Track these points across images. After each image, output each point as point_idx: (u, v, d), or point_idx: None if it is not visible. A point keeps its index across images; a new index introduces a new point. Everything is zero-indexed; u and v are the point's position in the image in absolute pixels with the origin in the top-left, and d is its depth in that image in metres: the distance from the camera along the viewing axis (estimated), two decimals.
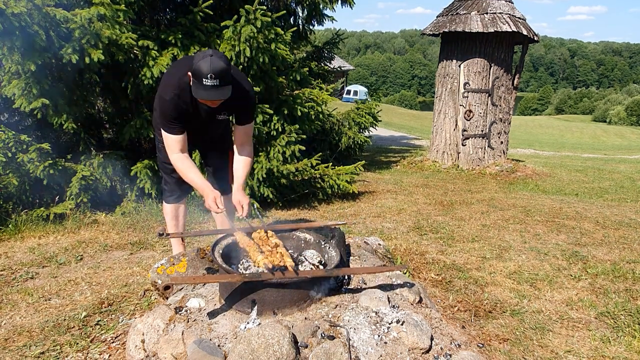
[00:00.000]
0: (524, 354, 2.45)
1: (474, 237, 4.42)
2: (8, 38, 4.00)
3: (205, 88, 2.30)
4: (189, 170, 2.60)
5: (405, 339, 2.00)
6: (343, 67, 21.16)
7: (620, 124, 49.47)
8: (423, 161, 9.30)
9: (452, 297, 3.09)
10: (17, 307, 2.86)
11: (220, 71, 2.27)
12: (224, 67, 2.28)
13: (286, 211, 5.33)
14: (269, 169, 5.07)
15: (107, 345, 2.40)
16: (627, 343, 2.56)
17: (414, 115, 36.85)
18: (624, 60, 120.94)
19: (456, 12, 8.52)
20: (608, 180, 8.47)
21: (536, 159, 11.98)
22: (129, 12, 4.53)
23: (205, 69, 2.25)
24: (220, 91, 2.32)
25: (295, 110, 5.44)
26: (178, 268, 2.67)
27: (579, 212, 5.40)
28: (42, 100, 4.36)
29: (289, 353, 1.83)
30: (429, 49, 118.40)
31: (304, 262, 2.47)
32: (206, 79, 2.26)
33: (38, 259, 3.70)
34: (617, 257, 3.90)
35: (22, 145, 4.49)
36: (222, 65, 2.27)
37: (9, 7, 3.83)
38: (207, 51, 2.33)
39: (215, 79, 2.27)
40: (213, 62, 2.26)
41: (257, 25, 4.69)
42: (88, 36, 4.19)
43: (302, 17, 7.17)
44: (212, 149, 3.06)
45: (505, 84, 8.69)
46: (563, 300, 3.11)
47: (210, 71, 2.25)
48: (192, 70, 2.32)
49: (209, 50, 2.33)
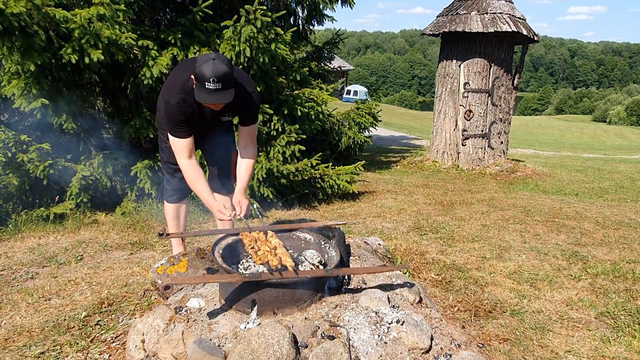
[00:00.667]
0: (524, 354, 2.45)
1: (474, 237, 4.42)
2: (8, 38, 4.00)
3: (207, 92, 2.31)
4: (197, 181, 2.65)
5: (405, 339, 2.00)
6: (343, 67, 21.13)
7: (620, 124, 49.47)
8: (423, 161, 9.30)
9: (452, 297, 3.09)
10: (17, 307, 2.86)
11: (223, 75, 2.28)
12: (226, 71, 2.29)
13: (286, 211, 5.33)
14: (269, 169, 5.07)
15: (107, 345, 2.40)
16: (627, 343, 2.56)
17: (414, 115, 36.86)
18: (624, 60, 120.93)
19: (456, 12, 8.52)
20: (608, 180, 8.47)
21: (536, 159, 11.98)
22: (128, 12, 4.53)
23: (207, 73, 2.25)
24: (222, 95, 2.33)
25: (295, 110, 5.44)
26: (178, 268, 2.67)
27: (579, 212, 5.40)
28: (42, 100, 4.35)
29: (289, 353, 1.82)
30: (429, 49, 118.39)
31: (304, 262, 2.47)
32: (208, 83, 2.27)
33: (38, 259, 3.70)
34: (617, 257, 3.90)
35: (22, 145, 4.49)
36: (224, 69, 2.28)
37: (8, 7, 3.83)
38: (209, 54, 2.33)
39: (218, 83, 2.28)
40: (215, 65, 2.26)
41: (257, 25, 4.68)
42: (88, 36, 4.19)
43: (302, 17, 7.17)
44: (216, 150, 3.07)
45: (505, 84, 8.69)
46: (563, 300, 3.11)
47: (212, 75, 2.25)
48: (195, 74, 2.32)
49: (211, 54, 2.34)
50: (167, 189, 3.13)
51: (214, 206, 2.62)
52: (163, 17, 5.94)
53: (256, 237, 2.38)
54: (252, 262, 2.38)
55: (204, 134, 2.84)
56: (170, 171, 3.02)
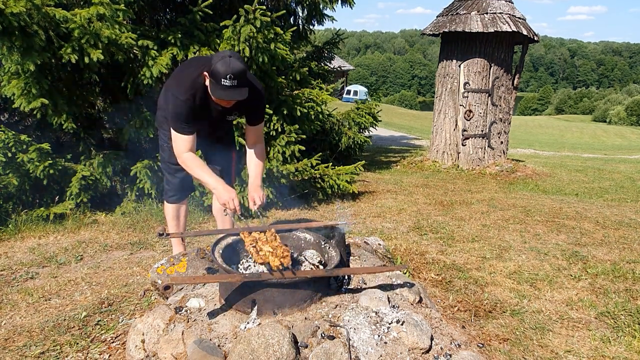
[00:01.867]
0: (524, 354, 2.45)
1: (474, 237, 4.42)
2: (7, 38, 4.00)
3: (223, 88, 2.36)
4: (201, 168, 2.59)
5: (405, 339, 2.00)
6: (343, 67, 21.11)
7: (620, 124, 49.47)
8: (423, 161, 9.29)
9: (452, 297, 3.09)
10: (17, 307, 2.85)
11: (239, 72, 2.33)
12: (242, 69, 2.34)
13: (286, 211, 5.33)
14: (269, 169, 5.07)
15: (107, 345, 2.40)
16: (627, 343, 2.56)
17: (414, 115, 36.86)
18: (624, 60, 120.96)
19: (456, 12, 8.52)
20: (608, 180, 8.47)
21: (536, 159, 11.99)
22: (128, 12, 4.53)
23: (224, 70, 2.31)
24: (237, 91, 2.38)
25: (295, 110, 5.44)
26: (178, 268, 2.67)
27: (579, 212, 5.40)
28: (42, 100, 4.35)
29: (289, 353, 1.82)
30: (429, 49, 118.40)
31: (304, 262, 2.47)
32: (225, 79, 2.32)
33: (38, 259, 3.70)
34: (617, 257, 3.90)
35: (22, 145, 4.48)
36: (240, 67, 2.34)
37: (8, 7, 3.83)
38: (225, 52, 2.39)
39: (234, 80, 2.33)
40: (232, 63, 2.32)
41: (257, 25, 4.68)
42: (87, 36, 4.19)
43: (302, 17, 7.16)
44: (217, 150, 3.07)
45: (505, 84, 8.69)
46: (563, 300, 3.11)
47: (229, 72, 2.31)
48: (211, 71, 2.36)
49: (227, 51, 2.40)
50: (167, 189, 3.12)
51: (223, 195, 2.49)
52: (163, 17, 5.94)
53: (257, 237, 2.38)
54: (252, 262, 2.38)
55: (206, 133, 2.84)
56: (171, 171, 3.02)
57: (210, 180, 2.55)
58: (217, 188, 2.52)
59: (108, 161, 4.85)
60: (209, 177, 2.56)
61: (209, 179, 2.55)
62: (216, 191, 2.53)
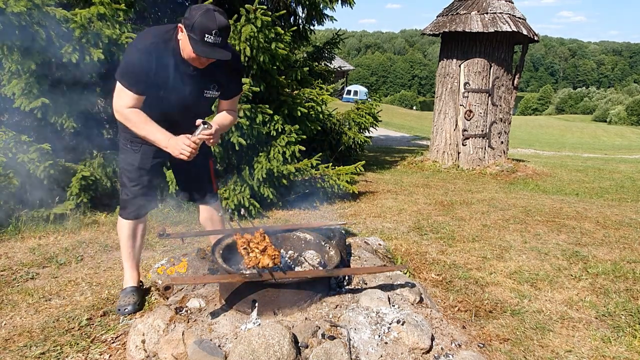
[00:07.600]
0: (525, 354, 2.45)
1: (474, 237, 4.42)
2: (8, 37, 4.00)
3: (206, 44, 2.05)
4: (146, 123, 2.24)
5: (405, 339, 2.00)
6: (343, 67, 21.13)
7: (620, 123, 49.47)
8: (423, 161, 9.29)
9: (452, 297, 3.09)
10: (18, 308, 2.85)
11: (226, 28, 2.07)
12: (228, 25, 2.09)
13: (286, 211, 5.33)
14: (269, 169, 5.07)
15: (107, 346, 2.40)
16: (628, 343, 2.55)
17: (414, 115, 36.86)
18: (624, 60, 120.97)
19: (456, 12, 8.52)
20: (608, 180, 8.47)
21: (536, 158, 11.98)
22: (129, 12, 4.53)
23: (211, 24, 2.02)
24: (221, 52, 2.10)
25: (295, 110, 5.44)
26: (178, 268, 2.67)
27: (580, 212, 5.40)
28: (42, 99, 4.35)
29: (290, 353, 1.82)
30: (429, 49, 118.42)
31: (304, 262, 2.47)
32: (209, 35, 2.03)
33: (38, 259, 3.69)
34: (617, 257, 3.90)
35: (23, 145, 4.48)
36: (226, 23, 2.08)
37: (8, 7, 3.83)
38: (203, 5, 2.07)
39: (218, 37, 2.05)
40: (218, 17, 2.04)
41: (257, 24, 4.68)
42: (88, 35, 4.19)
43: (302, 16, 7.17)
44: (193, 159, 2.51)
45: (505, 84, 8.69)
46: (563, 300, 3.11)
47: (215, 27, 2.02)
48: (192, 24, 2.03)
49: (205, 5, 2.09)
50: (124, 202, 2.66)
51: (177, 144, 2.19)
52: (163, 16, 5.94)
53: (249, 238, 2.31)
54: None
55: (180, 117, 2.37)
56: (129, 180, 2.62)
57: (160, 136, 2.24)
58: (169, 142, 2.23)
59: (108, 161, 4.85)
60: (158, 132, 2.24)
61: (159, 134, 2.24)
62: (169, 146, 2.23)
